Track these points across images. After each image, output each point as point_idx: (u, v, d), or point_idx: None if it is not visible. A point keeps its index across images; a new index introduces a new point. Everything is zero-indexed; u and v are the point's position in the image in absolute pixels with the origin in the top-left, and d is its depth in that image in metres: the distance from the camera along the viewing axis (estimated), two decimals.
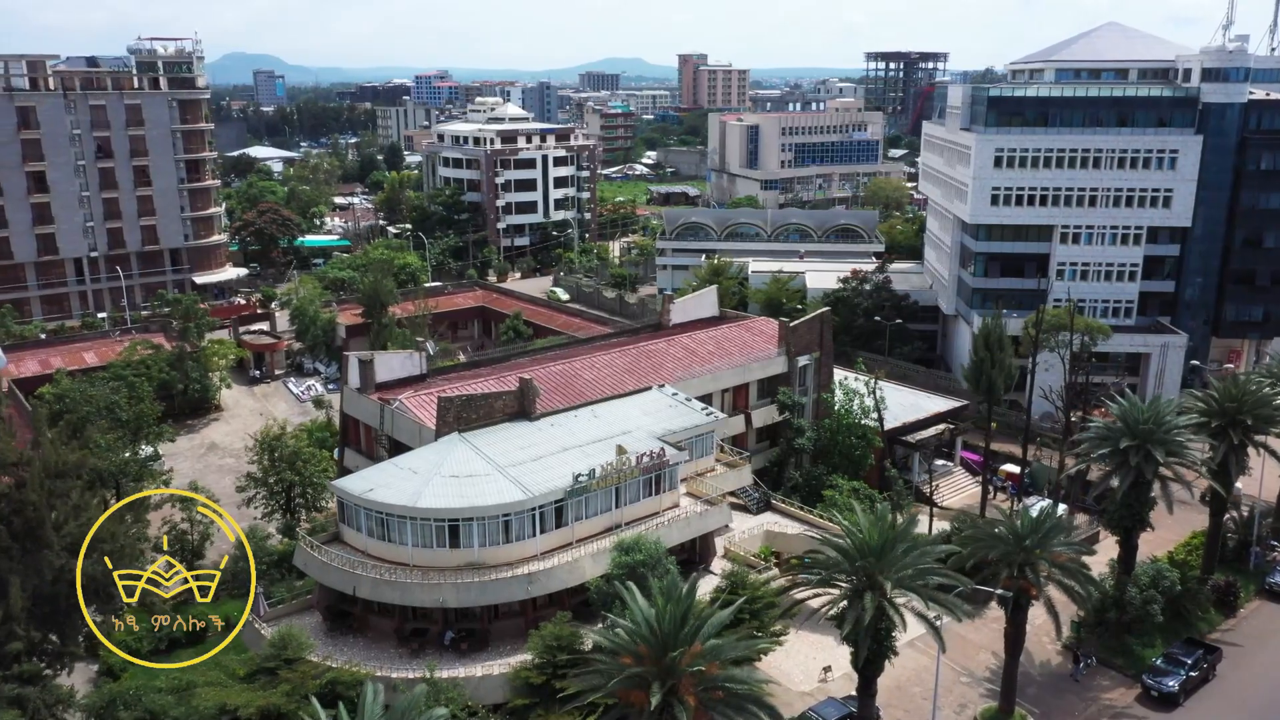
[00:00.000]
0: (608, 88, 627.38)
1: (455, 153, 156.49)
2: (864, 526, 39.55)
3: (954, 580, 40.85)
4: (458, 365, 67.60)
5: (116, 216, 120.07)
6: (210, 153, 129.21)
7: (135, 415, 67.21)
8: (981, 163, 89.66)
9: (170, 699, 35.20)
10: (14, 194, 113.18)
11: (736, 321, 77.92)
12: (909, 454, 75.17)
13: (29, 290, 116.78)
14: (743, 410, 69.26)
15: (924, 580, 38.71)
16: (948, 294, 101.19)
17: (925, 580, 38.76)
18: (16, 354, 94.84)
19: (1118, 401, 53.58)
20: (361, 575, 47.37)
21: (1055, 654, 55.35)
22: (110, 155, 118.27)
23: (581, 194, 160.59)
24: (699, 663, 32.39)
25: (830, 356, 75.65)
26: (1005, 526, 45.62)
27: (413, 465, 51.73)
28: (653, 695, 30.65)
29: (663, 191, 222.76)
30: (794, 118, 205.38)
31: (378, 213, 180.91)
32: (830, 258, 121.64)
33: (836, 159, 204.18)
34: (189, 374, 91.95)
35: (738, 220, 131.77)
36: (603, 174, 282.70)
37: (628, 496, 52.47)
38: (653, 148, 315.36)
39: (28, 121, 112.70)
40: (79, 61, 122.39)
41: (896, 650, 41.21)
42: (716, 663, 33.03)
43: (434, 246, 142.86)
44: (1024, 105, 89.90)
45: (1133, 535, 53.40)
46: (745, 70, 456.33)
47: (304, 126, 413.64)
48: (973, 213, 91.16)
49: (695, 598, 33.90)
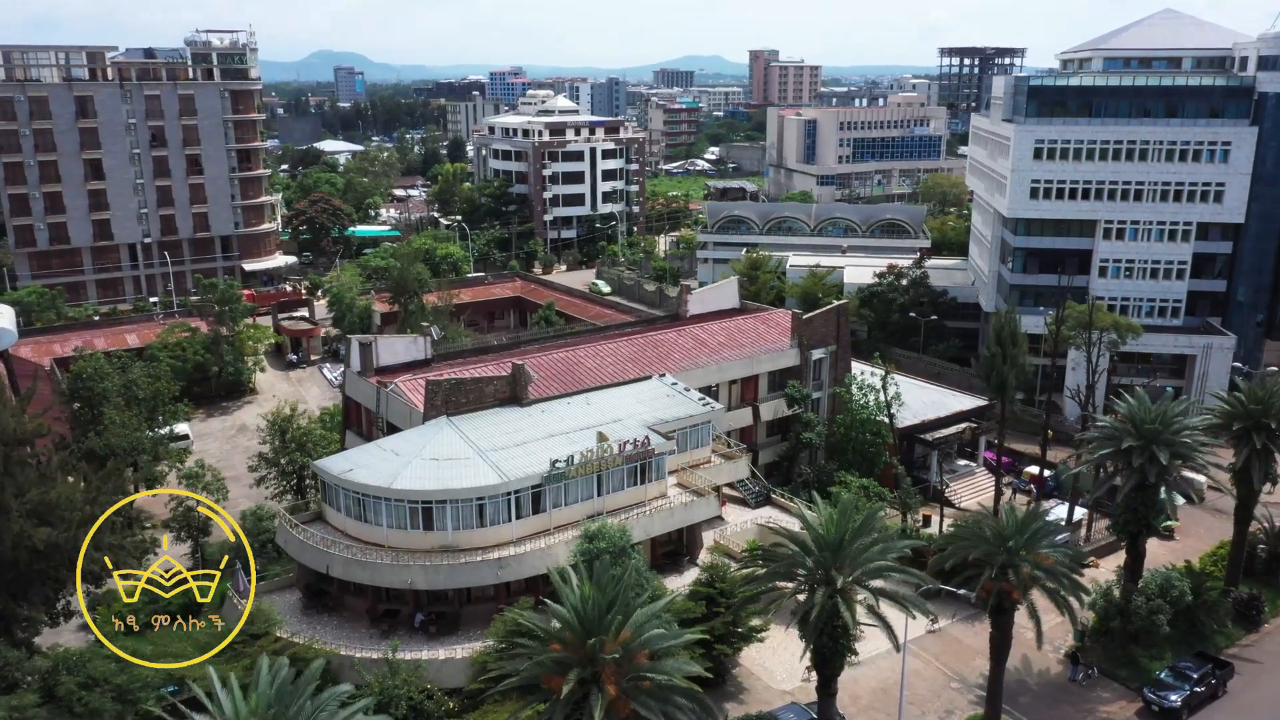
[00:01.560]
0: (681, 84, 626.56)
1: (504, 145, 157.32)
2: (823, 520, 38.08)
3: (918, 579, 39.12)
4: (464, 350, 67.50)
5: (169, 204, 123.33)
6: (262, 142, 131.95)
7: (152, 394, 68.57)
8: (1021, 154, 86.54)
9: (114, 666, 35.58)
10: (72, 181, 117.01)
11: (755, 313, 76.48)
12: (928, 452, 72.89)
13: (85, 274, 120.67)
14: (751, 403, 67.91)
15: (881, 578, 37.07)
16: (988, 291, 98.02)
17: (882, 577, 37.11)
18: (63, 335, 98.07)
19: (1126, 400, 50.92)
20: (334, 554, 47.55)
21: (1055, 662, 53.00)
22: (164, 144, 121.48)
23: (630, 187, 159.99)
24: (623, 651, 31.45)
25: (847, 350, 73.76)
26: (989, 526, 43.62)
27: (395, 447, 51.76)
28: (567, 682, 29.83)
29: (720, 186, 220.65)
30: (853, 112, 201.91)
31: (431, 204, 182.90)
32: (874, 253, 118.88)
33: (897, 155, 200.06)
34: (224, 357, 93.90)
35: (781, 214, 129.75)
36: (663, 169, 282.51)
37: (610, 485, 51.71)
38: (717, 143, 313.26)
39: (85, 111, 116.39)
40: (137, 53, 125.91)
41: (856, 650, 39.60)
42: (645, 652, 32.04)
43: (480, 237, 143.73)
44: (1066, 95, 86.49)
45: (1139, 540, 50.71)
46: (817, 66, 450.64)
47: (377, 121, 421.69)
48: (1011, 206, 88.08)
49: (623, 585, 32.87)
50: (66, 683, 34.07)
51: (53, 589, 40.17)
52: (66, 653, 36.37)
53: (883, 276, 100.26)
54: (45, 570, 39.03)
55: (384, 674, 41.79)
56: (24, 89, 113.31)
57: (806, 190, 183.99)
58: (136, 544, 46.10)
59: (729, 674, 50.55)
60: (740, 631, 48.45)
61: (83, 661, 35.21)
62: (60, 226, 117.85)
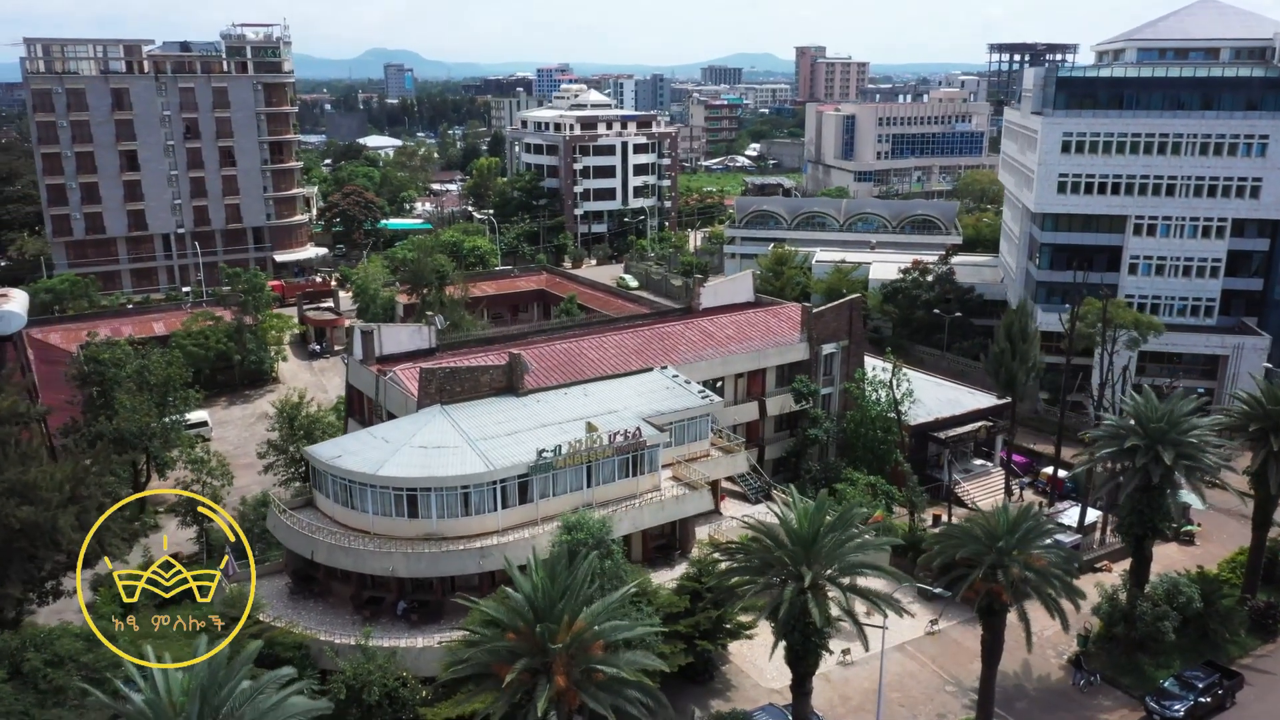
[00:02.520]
0: (728, 82, 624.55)
1: (536, 138, 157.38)
2: (797, 515, 37.09)
3: (895, 577, 37.96)
4: (469, 340, 67.31)
5: (202, 195, 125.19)
6: (294, 135, 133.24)
7: (163, 379, 69.33)
8: (1048, 147, 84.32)
9: (80, 644, 35.76)
10: (108, 172, 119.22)
11: (769, 307, 75.39)
12: (941, 451, 71.24)
13: (120, 264, 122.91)
14: (757, 397, 66.89)
15: (855, 574, 36.00)
16: (1016, 288, 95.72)
17: (856, 574, 36.03)
18: (93, 322, 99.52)
19: (1133, 398, 49.10)
20: (319, 540, 47.51)
21: (1058, 668, 51.39)
22: (197, 136, 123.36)
23: (662, 182, 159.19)
24: (576, 642, 30.86)
25: (860, 345, 72.39)
26: (979, 525, 42.30)
27: (386, 435, 51.66)
28: (512, 671, 29.29)
29: (758, 183, 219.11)
30: (892, 108, 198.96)
31: (466, 199, 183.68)
32: (903, 249, 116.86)
33: (937, 151, 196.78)
34: (246, 345, 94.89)
35: (810, 209, 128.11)
36: (703, 165, 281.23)
37: (601, 476, 51.05)
38: (759, 140, 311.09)
39: (121, 103, 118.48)
40: (173, 46, 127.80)
41: (830, 648, 38.54)
42: (599, 644, 31.40)
43: (509, 231, 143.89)
44: (1096, 86, 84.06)
45: (1145, 544, 48.88)
46: (864, 63, 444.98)
47: (423, 118, 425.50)
48: (1038, 200, 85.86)
49: (577, 576, 32.24)
50: (33, 659, 34.29)
51: (34, 568, 40.50)
52: (34, 630, 36.62)
53: (907, 272, 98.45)
54: (25, 548, 39.39)
55: (359, 660, 41.60)
56: (62, 81, 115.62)
57: (843, 186, 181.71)
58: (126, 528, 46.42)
59: (717, 670, 49.79)
60: (728, 628, 47.62)
61: (50, 639, 35.43)
62: (96, 216, 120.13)
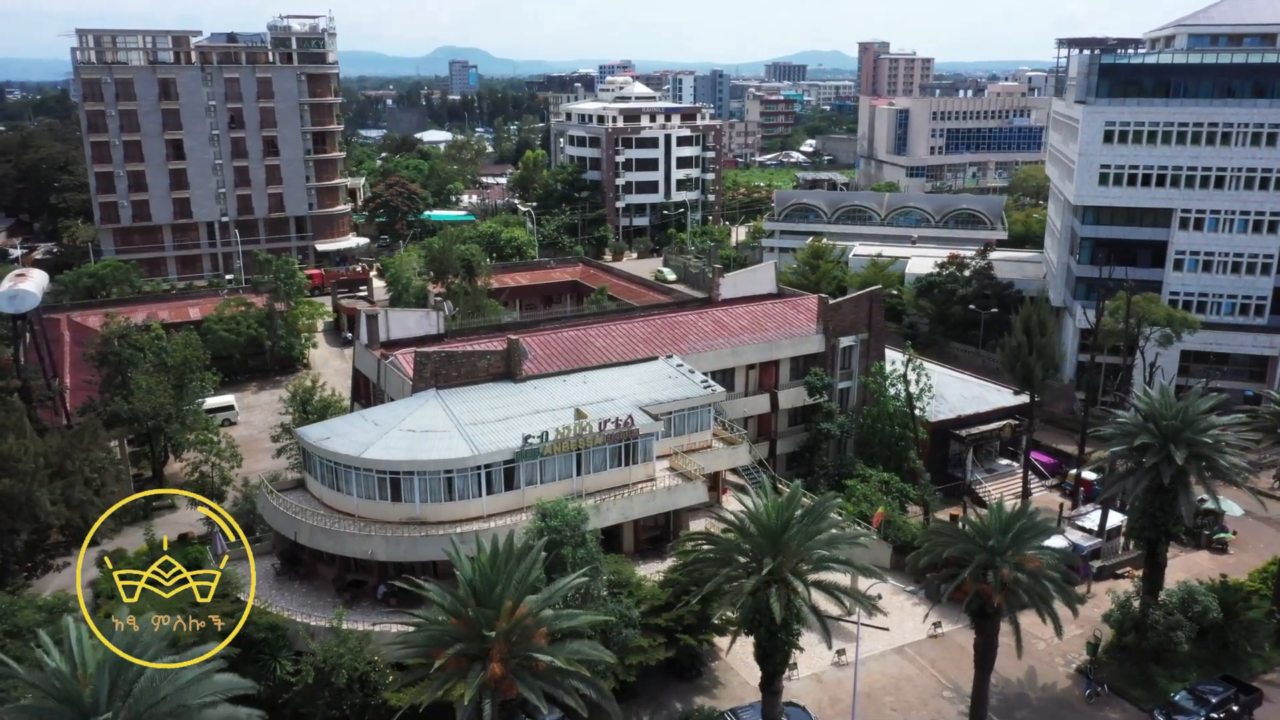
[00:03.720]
0: (792, 78, 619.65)
1: (579, 131, 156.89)
2: (765, 507, 35.57)
3: (866, 572, 36.22)
4: (479, 327, 66.73)
5: (246, 184, 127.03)
6: (336, 125, 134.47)
7: (180, 361, 69.99)
8: (1090, 137, 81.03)
9: (41, 615, 35.81)
10: (154, 160, 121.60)
11: (790, 299, 73.59)
12: (963, 449, 68.84)
13: (165, 250, 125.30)
14: (769, 389, 65.21)
15: (820, 569, 34.38)
16: (1057, 284, 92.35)
17: (821, 569, 34.41)
18: (132, 306, 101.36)
19: (1147, 393, 46.44)
20: (301, 521, 47.22)
21: (1065, 677, 48.98)
22: (242, 126, 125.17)
23: (706, 175, 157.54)
24: (517, 629, 29.86)
25: (880, 339, 70.23)
26: (971, 524, 40.31)
27: (377, 418, 51.25)
28: (442, 656, 28.40)
29: (809, 178, 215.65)
30: (946, 102, 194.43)
31: (512, 191, 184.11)
32: (945, 244, 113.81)
33: (993, 146, 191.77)
34: (276, 331, 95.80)
35: (850, 202, 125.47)
36: (757, 160, 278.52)
37: (592, 464, 49.96)
38: (815, 136, 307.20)
39: (168, 92, 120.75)
40: (220, 38, 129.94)
41: (800, 646, 36.94)
42: (543, 631, 30.35)
43: (549, 223, 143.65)
44: (1141, 74, 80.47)
45: (1157, 549, 46.23)
46: (929, 59, 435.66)
47: (483, 113, 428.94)
48: (1078, 192, 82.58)
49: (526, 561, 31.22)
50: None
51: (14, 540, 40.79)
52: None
53: (943, 267, 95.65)
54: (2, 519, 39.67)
55: (330, 642, 41.15)
56: (111, 71, 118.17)
57: (894, 182, 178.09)
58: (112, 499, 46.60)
59: (705, 667, 48.48)
60: (715, 623, 46.18)
61: (12, 611, 35.54)
62: (143, 204, 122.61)
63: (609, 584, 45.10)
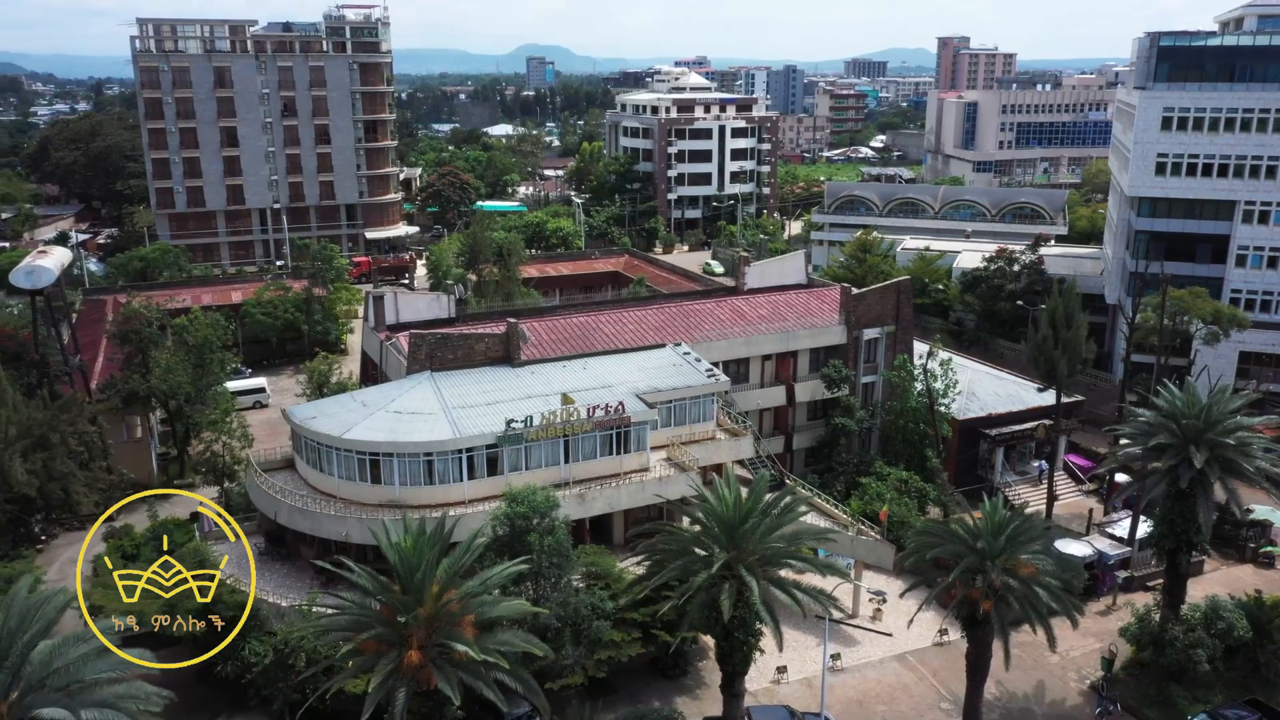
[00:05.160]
0: (871, 75, 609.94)
1: (633, 121, 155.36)
2: (723, 498, 33.48)
3: (824, 568, 33.85)
4: (492, 311, 65.75)
5: (297, 171, 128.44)
6: (388, 114, 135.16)
7: (200, 341, 70.33)
8: (1146, 124, 76.59)
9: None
10: (209, 147, 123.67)
11: (817, 289, 71.02)
12: (993, 449, 65.46)
13: (219, 236, 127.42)
14: (785, 381, 62.77)
15: (778, 565, 32.16)
16: (1112, 280, 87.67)
17: (779, 565, 32.18)
18: (176, 290, 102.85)
19: (1169, 390, 42.91)
20: (281, 501, 46.60)
21: (1077, 693, 45.77)
22: (294, 114, 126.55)
23: (761, 168, 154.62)
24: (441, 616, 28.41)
25: (909, 331, 67.18)
26: (961, 525, 37.63)
27: (367, 399, 50.50)
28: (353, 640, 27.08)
29: (875, 173, 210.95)
30: (1017, 95, 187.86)
31: (567, 182, 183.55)
32: (1001, 239, 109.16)
33: (1067, 141, 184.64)
34: (313, 316, 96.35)
35: (903, 195, 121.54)
36: (825, 155, 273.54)
37: (581, 452, 48.41)
38: (886, 131, 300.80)
39: (223, 80, 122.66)
40: (276, 27, 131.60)
41: (761, 647, 34.71)
42: (470, 619, 28.86)
43: (599, 214, 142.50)
44: (1203, 57, 75.69)
45: (1178, 560, 42.74)
46: (1011, 54, 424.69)
47: (555, 108, 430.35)
48: (1132, 183, 78.15)
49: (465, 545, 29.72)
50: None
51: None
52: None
53: (991, 261, 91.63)
54: None
55: (292, 624, 40.33)
56: (168, 59, 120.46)
57: (959, 176, 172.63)
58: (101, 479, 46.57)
59: (691, 665, 46.53)
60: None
61: None
62: (197, 190, 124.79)
63: (586, 575, 43.61)
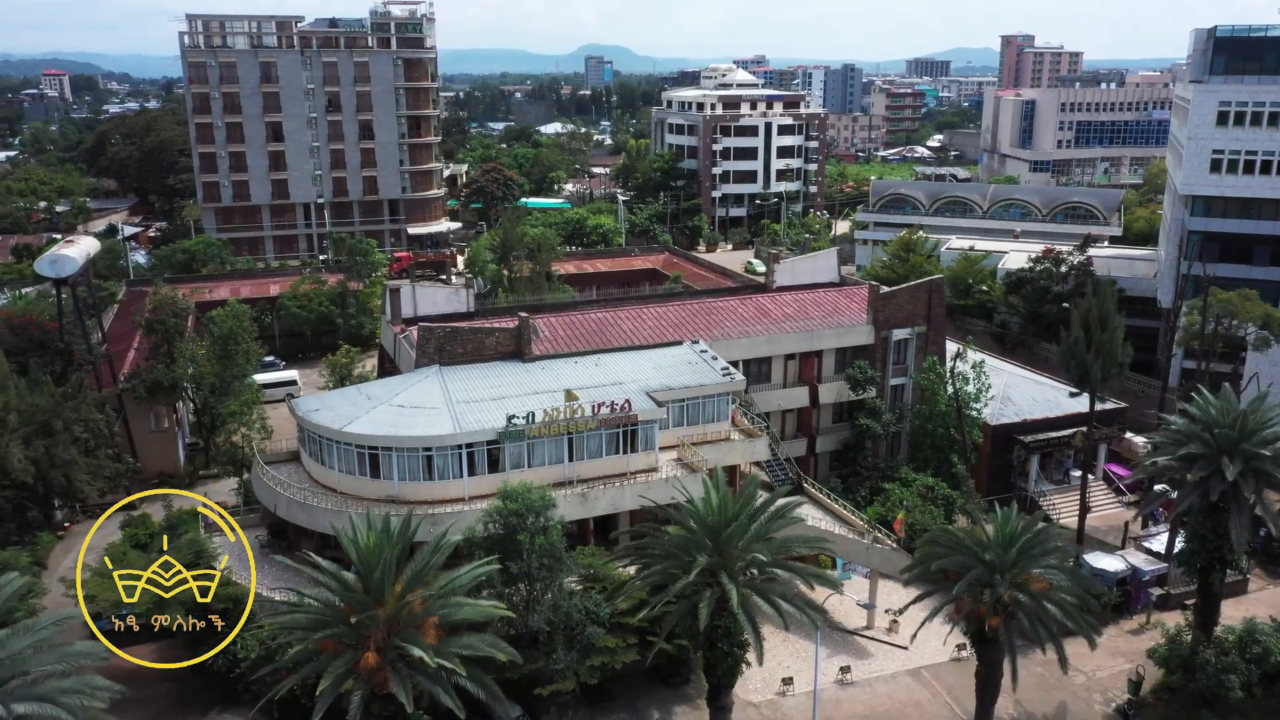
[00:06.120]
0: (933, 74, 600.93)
1: (678, 118, 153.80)
2: (708, 500, 31.89)
3: (810, 577, 32.06)
4: (512, 306, 64.81)
5: (341, 167, 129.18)
6: (432, 110, 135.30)
7: (226, 332, 70.51)
8: (1201, 119, 73.06)
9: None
10: (254, 142, 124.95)
11: (848, 288, 68.96)
12: (1027, 457, 62.81)
13: (263, 230, 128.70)
14: (809, 382, 60.81)
15: (760, 574, 30.47)
16: (1165, 282, 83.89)
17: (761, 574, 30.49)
18: (216, 282, 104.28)
19: (1204, 397, 40.18)
20: (280, 494, 46.05)
21: (1102, 716, 43.26)
22: (339, 109, 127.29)
23: (809, 166, 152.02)
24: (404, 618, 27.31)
25: (941, 333, 64.73)
26: (971, 537, 35.56)
27: (371, 392, 49.84)
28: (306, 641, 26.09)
29: (929, 173, 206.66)
30: (1078, 93, 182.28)
31: (613, 179, 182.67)
32: (1051, 239, 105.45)
33: (1129, 140, 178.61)
34: (347, 310, 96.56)
35: (949, 194, 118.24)
36: (879, 155, 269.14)
37: (586, 450, 47.14)
38: (943, 130, 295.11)
39: (269, 76, 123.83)
40: (323, 23, 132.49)
41: (748, 659, 33.03)
42: (432, 621, 27.72)
43: (641, 211, 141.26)
44: (1263, 48, 71.92)
45: (1211, 578, 40.07)
46: (1078, 53, 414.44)
47: (610, 107, 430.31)
48: (1185, 180, 74.67)
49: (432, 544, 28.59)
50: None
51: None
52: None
53: (1037, 261, 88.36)
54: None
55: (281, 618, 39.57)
56: (215, 54, 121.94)
57: (1013, 176, 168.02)
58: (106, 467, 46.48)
59: (694, 673, 44.86)
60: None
61: None
62: (243, 185, 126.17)
63: (584, 578, 42.35)
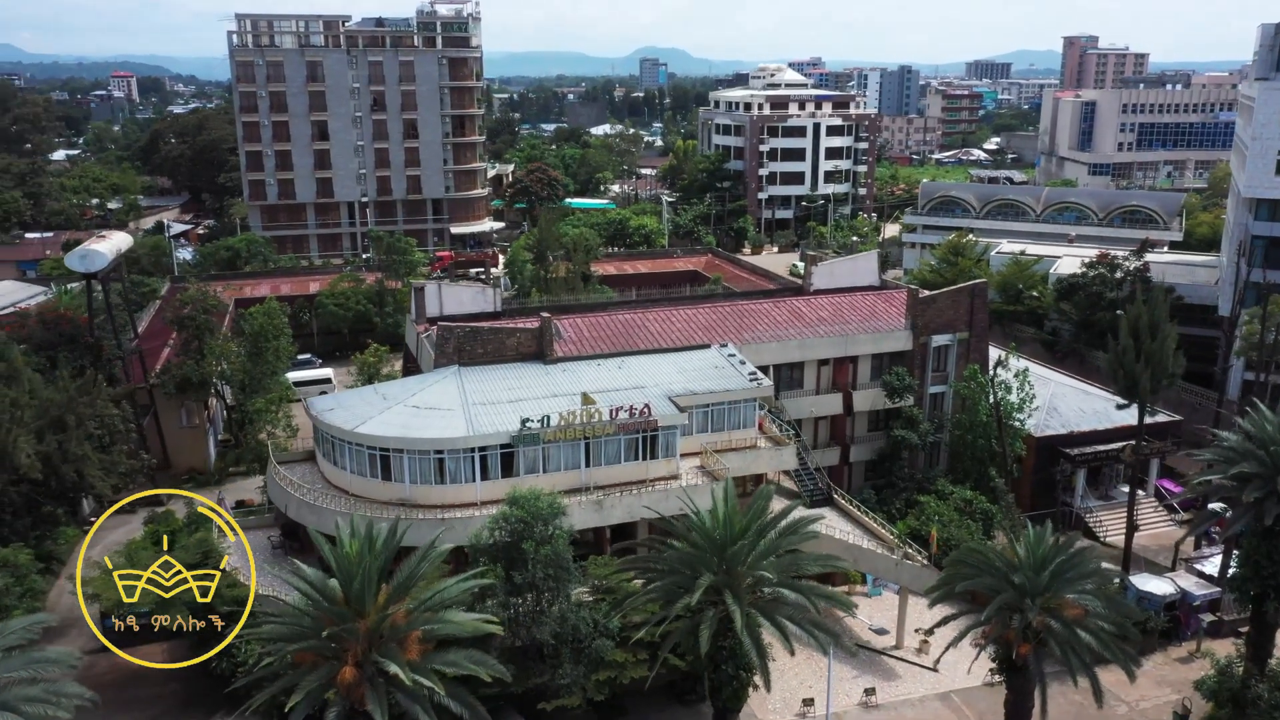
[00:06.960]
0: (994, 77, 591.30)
1: (725, 119, 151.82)
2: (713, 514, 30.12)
3: (817, 597, 30.09)
4: (540, 306, 63.51)
5: (385, 166, 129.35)
6: (476, 110, 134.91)
7: (256, 329, 70.31)
8: (1266, 118, 69.48)
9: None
10: (300, 141, 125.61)
11: (886, 291, 66.62)
12: (1073, 471, 59.93)
13: (308, 229, 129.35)
14: (843, 388, 58.63)
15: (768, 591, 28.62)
16: (1226, 289, 80.00)
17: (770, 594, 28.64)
18: (255, 280, 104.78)
19: (1258, 412, 37.38)
20: (291, 495, 45.20)
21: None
22: (383, 108, 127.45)
23: (858, 167, 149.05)
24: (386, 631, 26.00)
25: (984, 339, 62.11)
26: (1000, 556, 33.35)
27: (388, 392, 48.87)
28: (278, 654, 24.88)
29: (985, 176, 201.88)
30: (1140, 94, 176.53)
31: (660, 180, 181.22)
32: (1107, 244, 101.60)
33: (1194, 143, 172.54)
34: (384, 308, 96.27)
35: (1001, 197, 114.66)
36: (934, 157, 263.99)
37: (604, 456, 45.64)
38: (1001, 133, 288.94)
39: (315, 75, 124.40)
40: (369, 22, 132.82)
41: (756, 683, 31.17)
42: (415, 635, 26.36)
43: (686, 212, 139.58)
44: None
45: (1265, 607, 37.29)
46: (1143, 54, 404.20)
47: (663, 109, 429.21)
48: (1249, 182, 71.03)
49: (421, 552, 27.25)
50: None
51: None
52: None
53: (1091, 267, 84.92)
54: None
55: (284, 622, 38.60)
56: (263, 53, 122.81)
57: (1070, 179, 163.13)
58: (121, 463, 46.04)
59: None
60: None
61: None
62: (288, 183, 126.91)
63: (594, 590, 40.82)
